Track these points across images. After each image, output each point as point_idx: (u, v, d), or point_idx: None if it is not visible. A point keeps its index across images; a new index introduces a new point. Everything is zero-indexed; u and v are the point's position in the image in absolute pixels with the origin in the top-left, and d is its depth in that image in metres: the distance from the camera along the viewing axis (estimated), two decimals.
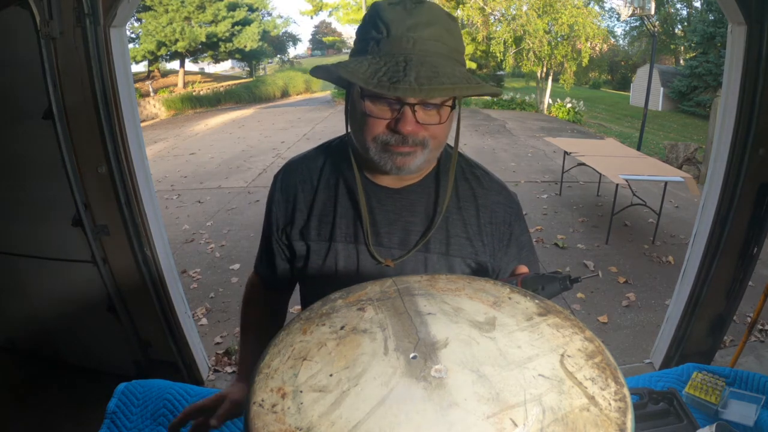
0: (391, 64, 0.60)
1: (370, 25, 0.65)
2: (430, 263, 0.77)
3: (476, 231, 0.78)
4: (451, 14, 0.68)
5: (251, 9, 20.52)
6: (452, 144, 0.77)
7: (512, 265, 0.81)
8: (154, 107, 16.28)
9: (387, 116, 0.65)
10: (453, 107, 0.66)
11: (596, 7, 15.61)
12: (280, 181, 0.84)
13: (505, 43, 14.56)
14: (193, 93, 17.99)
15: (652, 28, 11.42)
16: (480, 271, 0.79)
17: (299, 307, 0.99)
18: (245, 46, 19.94)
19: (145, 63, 20.04)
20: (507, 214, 0.80)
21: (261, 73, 26.54)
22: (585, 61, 14.17)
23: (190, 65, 23.40)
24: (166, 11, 17.93)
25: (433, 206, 0.77)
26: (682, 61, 22.34)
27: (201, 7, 18.49)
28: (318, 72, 0.68)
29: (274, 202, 0.83)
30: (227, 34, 19.30)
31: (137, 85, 16.51)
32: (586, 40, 13.80)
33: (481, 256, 0.79)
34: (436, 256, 0.77)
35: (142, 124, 3.53)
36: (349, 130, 0.74)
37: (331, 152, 0.82)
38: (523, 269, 0.69)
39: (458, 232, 0.78)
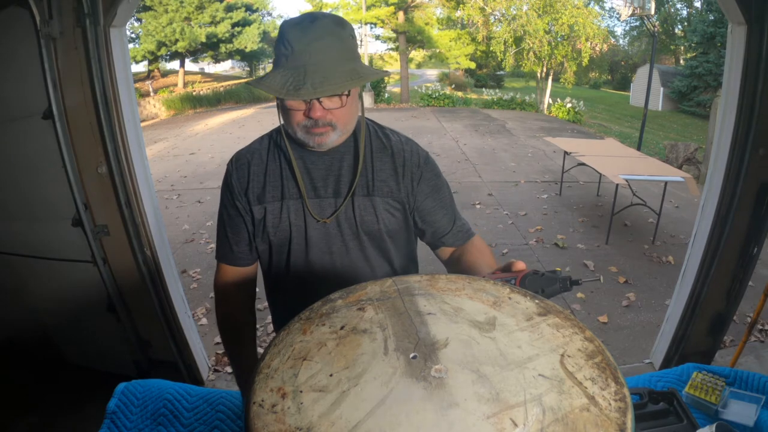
0: (295, 75, 0.80)
1: (281, 43, 0.84)
2: (357, 204, 0.95)
3: (392, 173, 0.97)
4: (341, 21, 0.86)
5: (251, 9, 20.49)
6: (369, 122, 1.01)
7: (429, 203, 1.00)
8: (154, 107, 16.27)
9: (303, 108, 0.86)
10: (348, 95, 0.86)
11: (596, 7, 15.64)
12: (235, 162, 1.01)
13: (505, 43, 14.55)
14: (193, 93, 17.97)
15: (652, 28, 11.40)
16: (399, 207, 0.98)
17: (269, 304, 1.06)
18: (245, 47, 19.94)
19: (145, 63, 20.02)
20: (415, 157, 0.99)
21: (261, 73, 26.54)
22: (585, 61, 14.16)
23: (190, 65, 23.40)
24: (166, 11, 17.91)
25: (354, 160, 0.96)
26: (682, 61, 22.31)
27: (200, 8, 18.48)
28: (252, 84, 0.87)
29: (232, 179, 0.99)
30: (227, 35, 19.28)
31: (137, 85, 16.50)
32: (586, 40, 13.80)
33: (396, 194, 0.97)
34: (360, 198, 0.96)
35: (142, 124, 3.53)
36: (281, 118, 0.93)
37: (274, 135, 1.01)
38: (521, 265, 0.69)
39: (375, 177, 0.96)
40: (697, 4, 20.74)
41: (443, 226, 1.02)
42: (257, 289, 1.11)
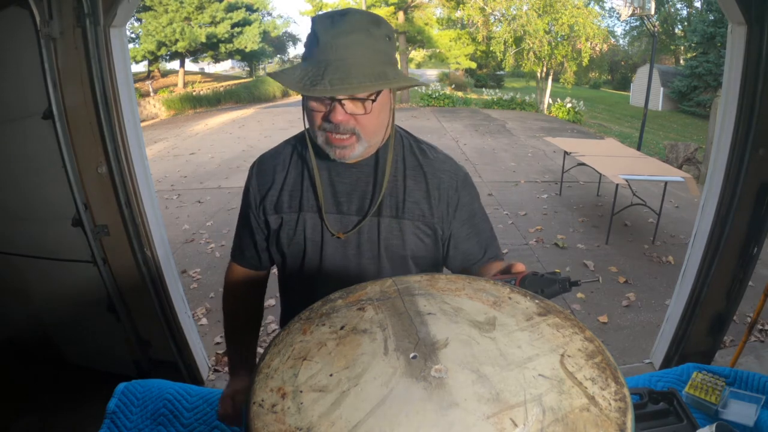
0: (315, 69, 0.73)
1: (310, 36, 0.78)
2: (383, 226, 0.87)
3: (424, 195, 0.88)
4: (377, 20, 0.79)
5: (251, 9, 20.50)
6: (398, 131, 0.91)
7: (464, 230, 0.92)
8: (154, 107, 16.27)
9: (323, 109, 0.78)
10: (374, 101, 0.78)
11: (596, 7, 15.64)
12: (257, 167, 0.95)
13: (505, 43, 14.55)
14: (193, 93, 17.98)
15: (652, 28, 11.41)
16: (430, 233, 0.90)
17: (272, 301, 1.06)
18: (245, 47, 19.94)
19: (145, 63, 20.04)
20: (453, 180, 0.90)
21: (261, 73, 26.53)
22: (585, 61, 14.17)
23: (190, 65, 23.42)
24: (166, 11, 17.92)
25: (383, 176, 0.88)
26: (682, 61, 22.32)
27: (200, 8, 18.48)
28: (270, 77, 0.81)
29: (252, 185, 0.94)
30: (227, 35, 19.28)
31: (137, 85, 16.50)
32: (587, 40, 13.80)
33: (428, 218, 0.89)
34: (387, 219, 0.87)
35: (142, 124, 3.53)
36: (305, 122, 0.87)
37: (297, 141, 0.94)
38: (520, 267, 0.69)
39: (407, 197, 0.88)
40: (697, 4, 20.76)
41: (475, 254, 0.94)
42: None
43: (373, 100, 0.77)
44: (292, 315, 1.03)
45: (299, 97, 0.84)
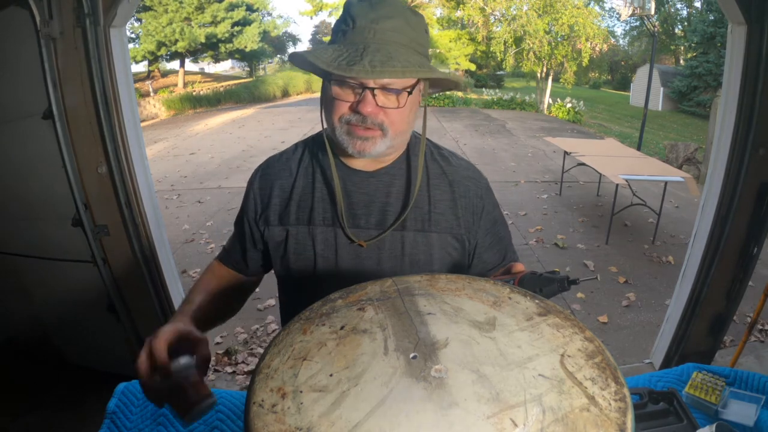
0: (351, 50, 0.67)
1: (341, 19, 0.73)
2: (408, 241, 0.80)
3: (450, 205, 0.82)
4: (415, 10, 0.74)
5: (251, 9, 20.51)
6: (420, 134, 0.85)
7: (488, 239, 0.87)
8: (154, 107, 16.26)
9: (350, 99, 0.71)
10: (410, 93, 0.72)
11: (596, 7, 15.64)
12: (261, 171, 0.88)
13: (505, 43, 14.56)
14: (193, 93, 17.97)
15: (652, 28, 11.41)
16: (457, 246, 0.83)
17: (272, 301, 0.99)
18: (245, 47, 19.95)
19: (145, 63, 20.04)
20: (477, 187, 0.86)
21: (261, 73, 26.52)
22: (585, 61, 14.17)
23: (190, 65, 23.43)
24: (166, 11, 17.93)
25: (406, 187, 0.81)
26: (682, 61, 22.34)
27: (200, 8, 18.49)
28: (294, 58, 0.74)
29: (253, 190, 0.87)
30: (227, 35, 19.29)
31: (137, 85, 16.49)
32: (587, 40, 13.80)
33: (456, 229, 0.82)
34: (412, 233, 0.80)
35: (142, 124, 3.53)
36: (323, 120, 0.79)
37: (309, 144, 0.87)
38: (520, 267, 0.69)
39: (432, 208, 0.81)
40: (697, 4, 20.76)
41: (493, 261, 0.89)
42: (257, 289, 1.08)
43: (410, 92, 0.71)
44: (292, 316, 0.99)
45: (299, 98, 0.82)
